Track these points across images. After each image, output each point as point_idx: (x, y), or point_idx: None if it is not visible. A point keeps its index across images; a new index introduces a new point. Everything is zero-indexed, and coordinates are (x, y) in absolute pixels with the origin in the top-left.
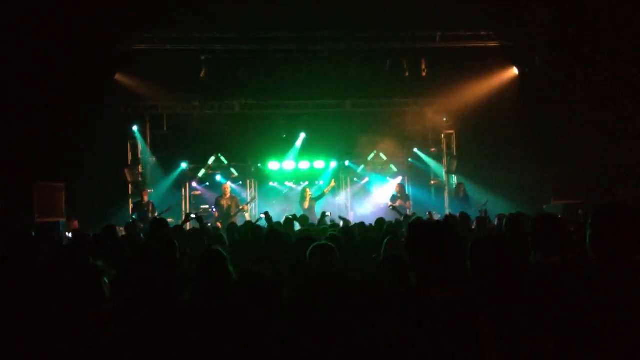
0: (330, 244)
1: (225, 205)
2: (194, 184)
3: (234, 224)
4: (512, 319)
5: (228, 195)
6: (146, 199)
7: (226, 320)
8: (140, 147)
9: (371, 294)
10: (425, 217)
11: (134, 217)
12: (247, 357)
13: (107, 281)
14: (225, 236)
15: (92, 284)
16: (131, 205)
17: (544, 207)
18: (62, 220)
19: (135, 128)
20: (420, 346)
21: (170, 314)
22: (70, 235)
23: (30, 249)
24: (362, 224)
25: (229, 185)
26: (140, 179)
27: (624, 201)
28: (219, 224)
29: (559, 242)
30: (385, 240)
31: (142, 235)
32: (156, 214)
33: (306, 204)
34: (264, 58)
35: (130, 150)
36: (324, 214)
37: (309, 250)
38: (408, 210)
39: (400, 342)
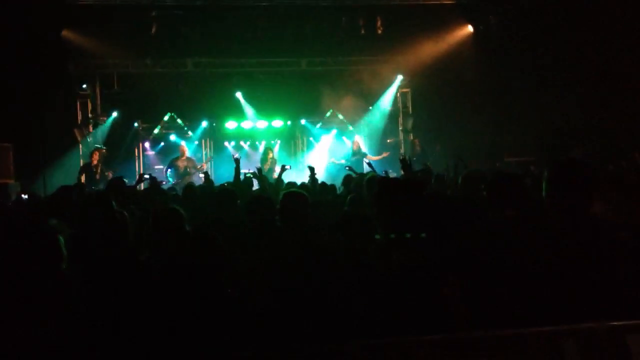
0: (302, 191)
1: (182, 167)
2: (147, 144)
3: (191, 184)
4: (474, 275)
5: (185, 156)
6: (95, 160)
7: (181, 277)
8: (90, 106)
9: (336, 255)
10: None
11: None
12: (204, 314)
13: (62, 240)
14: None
15: (48, 242)
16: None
17: (497, 164)
18: (11, 182)
19: (87, 85)
20: (388, 309)
21: (126, 272)
22: (25, 196)
23: None
24: (323, 183)
25: (185, 146)
26: (90, 139)
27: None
28: (164, 182)
29: (515, 197)
30: (349, 198)
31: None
32: (107, 174)
33: (267, 166)
34: (218, 14)
35: (80, 110)
36: (283, 167)
37: (280, 197)
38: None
39: (368, 307)
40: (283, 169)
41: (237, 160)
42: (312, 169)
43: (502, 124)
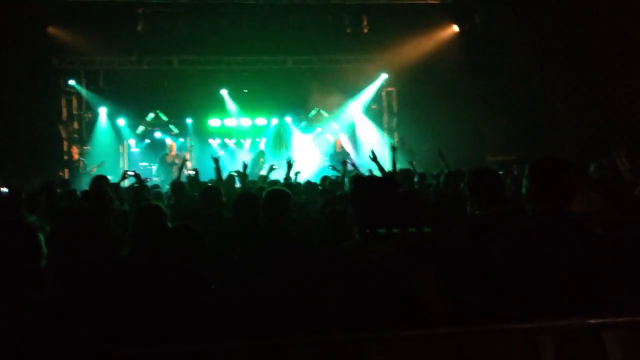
0: (285, 189)
1: (170, 162)
2: (132, 141)
3: (179, 181)
4: (451, 272)
5: (174, 152)
6: (76, 156)
7: (161, 275)
8: (75, 103)
9: (314, 251)
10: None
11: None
12: (187, 310)
13: (42, 237)
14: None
15: (27, 239)
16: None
17: (481, 163)
18: None
19: (72, 82)
20: (366, 304)
21: (106, 270)
22: (5, 189)
23: None
24: (308, 181)
25: (174, 142)
26: (75, 135)
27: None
28: (157, 179)
29: (495, 195)
30: (337, 195)
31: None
32: (89, 170)
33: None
34: (203, 12)
35: (65, 106)
36: (271, 167)
37: (263, 195)
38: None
39: (345, 302)
40: (271, 168)
41: (215, 160)
42: (290, 164)
43: (486, 123)
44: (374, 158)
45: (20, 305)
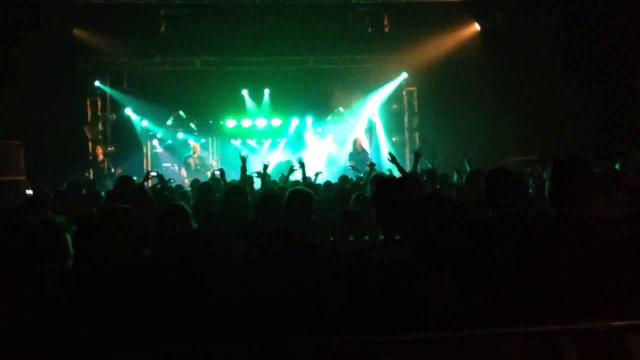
0: (307, 190)
1: (193, 164)
2: (155, 142)
3: (207, 182)
4: (468, 273)
5: (197, 154)
6: (101, 157)
7: (182, 276)
8: (100, 104)
9: (327, 253)
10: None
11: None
12: (204, 313)
13: (69, 237)
14: (191, 194)
15: (56, 240)
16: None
17: (502, 163)
18: (22, 179)
19: (97, 83)
20: (380, 306)
21: (129, 270)
22: (29, 192)
23: None
24: (327, 182)
25: (197, 144)
26: (100, 136)
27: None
28: (186, 182)
29: (513, 196)
30: (354, 197)
31: (102, 193)
32: (112, 171)
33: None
34: (226, 13)
35: (90, 108)
36: (292, 168)
37: (286, 195)
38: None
39: (359, 304)
40: (291, 169)
41: (243, 159)
42: (302, 164)
43: (509, 122)
44: (393, 159)
45: (46, 304)
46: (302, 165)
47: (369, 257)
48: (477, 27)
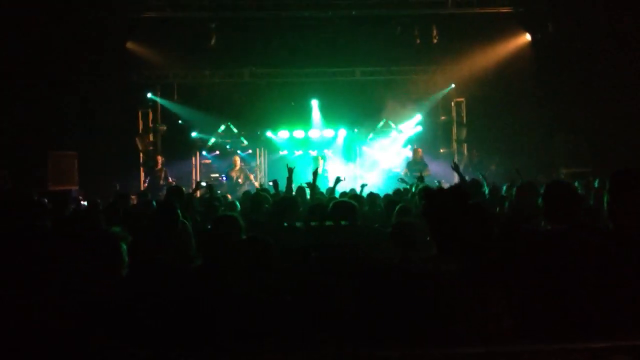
0: (352, 201)
1: (235, 177)
2: (204, 153)
3: (248, 192)
4: (524, 287)
5: (238, 166)
6: (159, 165)
7: (231, 285)
8: (151, 115)
9: (378, 264)
10: (435, 186)
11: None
12: (252, 322)
13: (124, 247)
14: (238, 204)
15: (112, 249)
16: (142, 173)
17: (553, 175)
18: (75, 188)
19: (149, 95)
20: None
21: (179, 279)
22: (84, 203)
23: (42, 214)
24: (371, 193)
25: (238, 157)
26: (151, 147)
27: None
28: (229, 195)
29: (572, 209)
30: (397, 208)
31: (154, 202)
32: (170, 180)
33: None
34: (274, 25)
35: (141, 119)
36: (338, 179)
37: (330, 207)
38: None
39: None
40: (338, 180)
41: (290, 170)
42: (337, 179)
43: (559, 134)
44: (456, 168)
45: (103, 311)
46: (337, 180)
47: (418, 269)
48: (527, 37)
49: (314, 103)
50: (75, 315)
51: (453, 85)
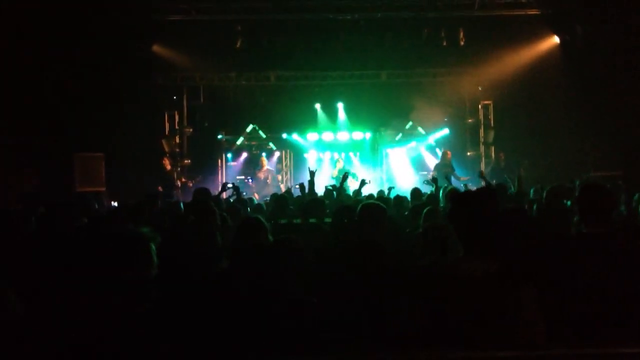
0: (381, 204)
1: (262, 178)
2: (230, 155)
3: (283, 195)
4: (556, 289)
5: (265, 167)
6: (169, 167)
7: (258, 288)
8: (177, 117)
9: (409, 267)
10: (462, 189)
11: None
12: (278, 324)
13: (154, 248)
14: (264, 206)
15: (141, 250)
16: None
17: (583, 178)
18: (102, 189)
19: (175, 97)
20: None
21: (208, 281)
22: (115, 203)
23: (71, 215)
24: (397, 196)
25: (264, 158)
26: (177, 149)
27: None
28: (256, 195)
29: (606, 213)
30: (425, 211)
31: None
32: (187, 182)
33: (334, 172)
34: (300, 28)
35: (168, 121)
36: (363, 181)
37: (358, 209)
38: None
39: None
40: (363, 182)
41: (312, 173)
42: (362, 182)
43: (589, 137)
44: (482, 175)
45: (133, 312)
46: (362, 183)
47: (449, 272)
48: (556, 39)
49: (340, 106)
50: (107, 316)
51: (480, 88)
